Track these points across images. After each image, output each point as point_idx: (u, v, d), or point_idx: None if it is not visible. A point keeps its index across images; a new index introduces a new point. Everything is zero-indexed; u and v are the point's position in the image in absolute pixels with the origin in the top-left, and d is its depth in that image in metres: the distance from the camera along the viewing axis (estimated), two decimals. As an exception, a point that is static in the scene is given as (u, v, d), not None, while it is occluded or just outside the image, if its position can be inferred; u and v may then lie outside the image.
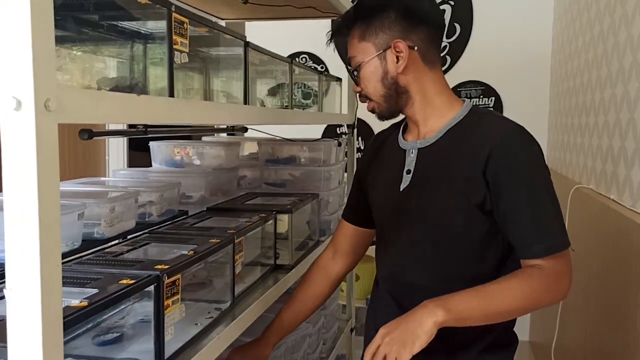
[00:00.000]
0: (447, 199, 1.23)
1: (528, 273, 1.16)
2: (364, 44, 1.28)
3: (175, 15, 0.95)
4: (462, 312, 1.10)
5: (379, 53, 1.27)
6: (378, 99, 1.31)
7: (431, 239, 1.27)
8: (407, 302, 1.24)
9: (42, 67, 0.57)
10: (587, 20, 2.61)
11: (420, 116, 1.31)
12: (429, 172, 1.27)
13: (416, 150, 1.30)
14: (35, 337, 0.59)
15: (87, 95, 0.68)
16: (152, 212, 1.46)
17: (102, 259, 1.09)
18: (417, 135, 1.34)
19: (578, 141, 2.67)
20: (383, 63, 1.27)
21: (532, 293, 1.15)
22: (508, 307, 1.14)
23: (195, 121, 1.00)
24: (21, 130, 0.57)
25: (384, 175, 1.38)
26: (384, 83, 1.28)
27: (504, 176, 1.17)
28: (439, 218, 1.25)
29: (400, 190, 1.30)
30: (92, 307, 0.79)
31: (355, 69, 1.30)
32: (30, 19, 0.56)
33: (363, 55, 1.28)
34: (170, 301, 1.01)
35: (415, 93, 1.29)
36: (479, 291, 1.13)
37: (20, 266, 0.59)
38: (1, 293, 0.90)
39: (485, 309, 1.13)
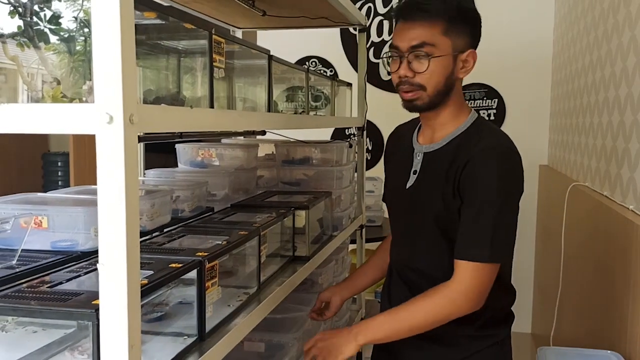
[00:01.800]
0: (440, 201, 1.39)
1: (435, 290, 1.33)
2: (445, 38, 1.33)
3: (214, 37, 1.11)
4: (376, 335, 1.36)
5: (454, 54, 1.35)
6: (432, 92, 1.36)
7: (430, 233, 1.43)
8: (415, 285, 1.47)
9: (128, 90, 0.73)
10: (591, 21, 2.74)
11: (441, 121, 1.43)
12: (430, 175, 1.43)
13: (422, 154, 1.45)
14: (121, 301, 0.75)
15: (156, 110, 0.84)
16: (185, 208, 1.61)
17: (149, 248, 1.24)
18: (429, 138, 1.47)
19: (576, 141, 2.81)
20: (453, 64, 1.35)
21: (435, 309, 1.32)
22: (416, 324, 1.34)
23: (232, 128, 1.16)
24: (113, 139, 0.73)
25: (397, 172, 1.53)
26: (446, 81, 1.36)
27: (465, 187, 1.33)
28: (435, 216, 1.41)
29: (407, 187, 1.47)
30: (153, 283, 0.95)
31: (426, 55, 1.33)
32: (121, 53, 0.71)
33: (441, 48, 1.33)
34: (210, 283, 1.17)
35: (451, 99, 1.41)
36: (391, 315, 1.36)
37: (111, 245, 0.75)
38: (78, 272, 1.06)
39: (396, 329, 1.35)
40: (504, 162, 1.33)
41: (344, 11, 2.11)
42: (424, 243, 1.45)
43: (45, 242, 1.22)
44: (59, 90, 0.89)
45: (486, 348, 1.45)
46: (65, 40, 0.92)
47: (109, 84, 0.72)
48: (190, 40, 1.17)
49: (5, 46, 0.93)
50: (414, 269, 1.49)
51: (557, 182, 3.04)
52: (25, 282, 1.01)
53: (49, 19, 0.92)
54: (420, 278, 1.46)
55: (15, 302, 0.88)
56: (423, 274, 1.46)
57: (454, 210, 1.36)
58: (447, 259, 1.39)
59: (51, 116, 0.77)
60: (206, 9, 2.17)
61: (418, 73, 1.34)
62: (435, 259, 1.43)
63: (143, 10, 0.92)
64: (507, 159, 1.34)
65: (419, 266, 1.47)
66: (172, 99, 1.19)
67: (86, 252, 1.21)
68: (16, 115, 0.79)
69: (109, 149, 0.73)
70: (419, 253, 1.47)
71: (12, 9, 0.92)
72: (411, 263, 1.50)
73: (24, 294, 0.92)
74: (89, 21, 0.89)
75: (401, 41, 1.36)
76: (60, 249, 1.21)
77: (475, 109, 3.83)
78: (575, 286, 2.41)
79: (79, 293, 0.91)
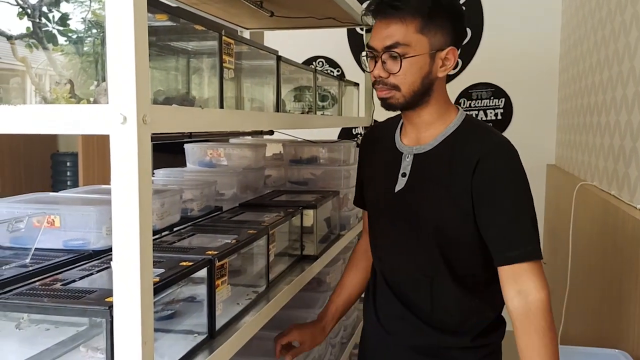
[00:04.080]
0: (439, 203, 1.32)
1: (530, 321, 1.24)
2: (421, 37, 1.27)
3: (224, 38, 1.12)
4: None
5: (432, 52, 1.28)
6: (407, 92, 1.30)
7: (423, 239, 1.36)
8: (405, 295, 1.42)
9: (141, 91, 0.75)
10: (598, 20, 2.73)
11: (426, 120, 1.36)
12: (423, 177, 1.35)
13: (412, 155, 1.37)
14: (135, 298, 0.76)
15: (168, 111, 0.85)
16: (194, 207, 1.63)
17: (159, 247, 1.26)
18: (415, 139, 1.39)
19: (584, 140, 2.81)
20: (431, 63, 1.29)
21: (551, 334, 1.24)
22: None
23: (241, 128, 1.17)
24: (126, 139, 0.75)
25: (380, 175, 1.45)
26: (423, 81, 1.29)
27: (487, 187, 1.28)
28: (431, 220, 1.34)
29: (395, 191, 1.38)
30: (165, 281, 0.97)
31: (400, 55, 1.27)
32: (135, 56, 0.73)
33: (416, 47, 1.27)
34: (220, 281, 1.18)
35: (433, 98, 1.34)
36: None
37: (124, 244, 0.76)
38: (90, 271, 1.08)
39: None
40: (516, 158, 1.32)
41: (351, 11, 2.12)
42: (420, 249, 1.37)
43: (58, 241, 1.23)
44: (67, 91, 0.91)
45: (485, 357, 1.41)
46: (74, 42, 0.93)
47: (123, 85, 0.74)
48: (200, 42, 1.19)
49: (14, 47, 0.95)
50: (408, 278, 1.41)
51: (565, 181, 3.04)
52: (39, 280, 1.02)
53: (58, 20, 0.93)
54: (413, 287, 1.40)
55: (29, 299, 0.90)
56: (418, 282, 1.39)
57: (462, 212, 1.30)
58: (443, 264, 1.35)
59: (65, 117, 0.79)
60: (214, 9, 2.19)
61: (392, 74, 1.29)
62: (433, 265, 1.36)
63: (155, 13, 0.93)
64: (516, 154, 1.33)
65: (415, 275, 1.40)
66: (181, 99, 1.21)
67: (98, 251, 1.23)
68: (31, 116, 0.81)
69: (122, 149, 0.75)
70: (415, 260, 1.39)
71: (20, 11, 0.93)
72: (408, 272, 1.41)
73: (38, 292, 0.94)
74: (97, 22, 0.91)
75: (376, 41, 1.30)
76: (72, 248, 1.23)
77: (482, 108, 3.86)
78: (582, 285, 2.41)
79: (92, 291, 0.93)
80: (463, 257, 1.36)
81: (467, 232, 1.32)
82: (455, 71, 3.83)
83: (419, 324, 1.39)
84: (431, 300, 1.38)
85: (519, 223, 1.27)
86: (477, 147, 1.31)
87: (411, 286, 1.41)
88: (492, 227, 1.29)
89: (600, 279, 2.18)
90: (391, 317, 1.45)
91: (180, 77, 1.28)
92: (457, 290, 1.36)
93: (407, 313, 1.41)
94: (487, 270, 1.36)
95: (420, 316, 1.39)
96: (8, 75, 0.99)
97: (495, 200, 1.28)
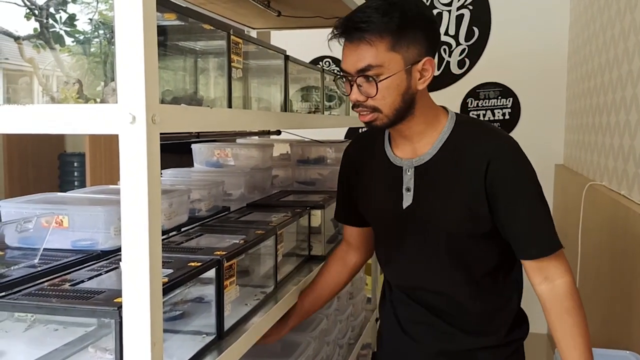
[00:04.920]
0: (451, 212, 1.30)
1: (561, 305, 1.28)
2: (393, 54, 1.20)
3: (233, 38, 1.12)
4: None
5: (407, 67, 1.22)
6: (389, 112, 1.25)
7: (439, 250, 1.34)
8: (431, 304, 1.41)
9: (150, 91, 0.74)
10: (608, 19, 2.72)
11: (417, 130, 1.31)
12: (429, 189, 1.32)
13: (413, 168, 1.33)
14: (144, 298, 0.76)
15: (177, 110, 0.85)
16: (201, 207, 1.63)
17: (167, 247, 1.26)
18: (410, 151, 1.35)
19: (592, 140, 2.79)
20: (408, 78, 1.23)
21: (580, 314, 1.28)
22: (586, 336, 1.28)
23: (249, 127, 1.17)
24: (135, 138, 0.74)
25: (380, 193, 1.40)
26: (404, 97, 1.24)
27: (502, 188, 1.27)
28: (444, 230, 1.32)
29: (404, 207, 1.34)
30: (173, 282, 0.96)
31: (374, 78, 1.21)
32: (144, 55, 0.72)
33: (390, 67, 1.21)
34: (228, 282, 1.17)
35: (418, 109, 1.29)
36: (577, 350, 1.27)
37: (133, 244, 0.76)
38: (98, 271, 1.08)
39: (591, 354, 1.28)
40: (522, 153, 1.32)
41: (359, 11, 2.11)
42: (437, 260, 1.36)
43: (66, 241, 1.23)
44: (74, 91, 0.91)
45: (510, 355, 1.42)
46: (81, 42, 0.93)
47: (132, 85, 0.73)
48: (208, 41, 1.18)
49: (22, 48, 0.95)
50: (432, 291, 1.39)
51: (574, 181, 3.02)
52: (48, 280, 1.02)
53: (65, 21, 0.93)
54: (439, 298, 1.39)
55: (39, 300, 0.89)
56: (443, 293, 1.38)
57: (477, 216, 1.29)
58: (462, 269, 1.35)
59: (75, 117, 0.78)
60: (221, 9, 2.19)
61: (369, 97, 1.23)
62: (452, 272, 1.36)
63: (163, 12, 0.93)
64: (520, 149, 1.33)
65: (438, 288, 1.38)
66: (189, 99, 1.20)
67: (106, 251, 1.23)
68: (40, 116, 0.81)
69: (131, 149, 0.74)
70: (438, 274, 1.37)
71: (28, 12, 0.93)
72: (429, 285, 1.39)
73: (47, 292, 0.94)
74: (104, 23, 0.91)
75: (347, 64, 1.24)
76: (80, 248, 1.22)
77: (490, 108, 3.84)
78: (592, 286, 2.39)
79: (101, 291, 0.92)
80: (480, 257, 1.36)
81: (483, 233, 1.32)
82: (462, 71, 3.82)
83: (447, 329, 1.39)
84: (455, 305, 1.38)
85: (538, 219, 1.29)
86: (484, 149, 1.29)
87: (432, 295, 1.40)
88: (512, 226, 1.29)
89: (610, 280, 2.16)
90: (415, 323, 1.45)
91: (187, 77, 1.28)
92: (477, 291, 1.37)
93: (433, 319, 1.40)
94: (502, 266, 1.38)
95: (447, 321, 1.39)
96: (16, 76, 0.99)
97: (513, 200, 1.28)
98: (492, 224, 1.30)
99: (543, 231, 1.29)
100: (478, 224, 1.31)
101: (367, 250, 1.61)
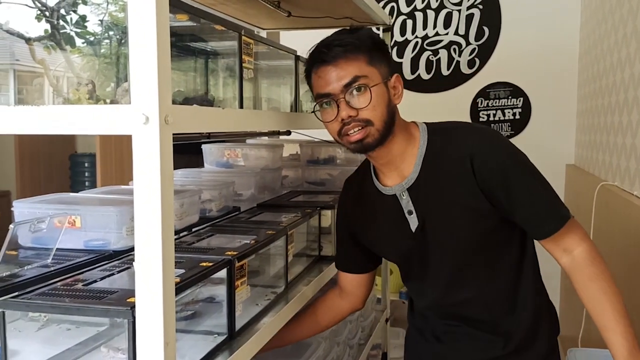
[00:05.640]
0: (459, 221, 1.32)
1: (582, 272, 1.29)
2: (372, 69, 1.28)
3: (244, 38, 1.12)
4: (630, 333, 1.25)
5: (385, 81, 1.29)
6: (379, 125, 1.27)
7: (459, 260, 1.36)
8: (464, 316, 1.41)
9: (163, 92, 0.74)
10: (619, 18, 2.70)
11: (397, 151, 1.33)
12: (430, 205, 1.33)
13: (406, 191, 1.34)
14: (157, 298, 0.76)
15: (189, 111, 0.85)
16: (212, 207, 1.63)
17: (179, 247, 1.26)
18: (397, 176, 1.36)
19: (604, 140, 2.77)
20: (387, 91, 1.30)
21: (606, 277, 1.29)
22: (619, 300, 1.28)
23: (260, 128, 1.17)
24: (148, 139, 0.74)
25: (386, 227, 1.41)
26: (388, 110, 1.29)
27: (494, 180, 1.28)
28: (459, 241, 1.33)
29: (414, 231, 1.35)
30: (186, 281, 0.97)
31: (364, 87, 1.25)
32: (157, 56, 0.73)
33: (373, 78, 1.27)
34: (240, 282, 1.18)
35: (397, 126, 1.32)
36: (614, 311, 1.26)
37: (146, 244, 0.76)
38: (111, 271, 1.08)
39: (627, 317, 1.27)
40: (498, 136, 1.35)
41: (369, 11, 2.11)
42: (457, 270, 1.37)
43: (78, 241, 1.24)
44: (85, 92, 0.91)
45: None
46: (91, 44, 0.94)
47: (145, 86, 0.74)
48: (219, 42, 1.19)
49: (33, 49, 0.95)
50: (457, 301, 1.40)
51: (585, 182, 3.00)
52: (61, 280, 1.03)
53: (75, 22, 0.94)
54: (464, 306, 1.39)
55: (52, 299, 0.90)
56: (467, 299, 1.39)
57: (481, 213, 1.30)
58: (484, 270, 1.36)
59: (88, 117, 0.79)
60: (231, 10, 2.19)
61: (361, 109, 1.25)
62: (475, 278, 1.37)
63: (175, 13, 0.93)
64: (496, 132, 1.38)
65: (463, 296, 1.39)
66: (201, 99, 1.21)
67: (118, 251, 1.23)
68: (54, 116, 0.81)
69: (145, 149, 0.74)
70: (457, 282, 1.38)
71: (39, 13, 0.94)
72: (454, 297, 1.39)
73: (60, 292, 0.94)
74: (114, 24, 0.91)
75: (330, 85, 1.26)
76: (92, 248, 1.23)
77: (500, 108, 3.82)
78: (604, 287, 2.37)
79: (114, 291, 0.93)
80: (499, 256, 1.37)
81: (494, 230, 1.33)
82: (472, 71, 3.80)
83: (484, 336, 1.40)
84: (486, 310, 1.39)
85: (538, 197, 1.30)
86: (462, 149, 1.30)
87: (461, 306, 1.41)
88: (517, 211, 1.30)
89: (623, 282, 2.14)
90: (451, 334, 1.45)
91: (198, 78, 1.28)
92: (501, 287, 1.38)
93: (469, 330, 1.41)
94: (517, 254, 1.38)
95: (483, 329, 1.40)
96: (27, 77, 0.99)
97: (508, 187, 1.28)
98: (500, 216, 1.31)
99: (547, 207, 1.30)
100: (486, 221, 1.31)
101: (361, 296, 1.60)
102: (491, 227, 1.33)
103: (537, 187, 1.30)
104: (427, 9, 3.81)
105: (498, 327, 1.39)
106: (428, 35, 3.82)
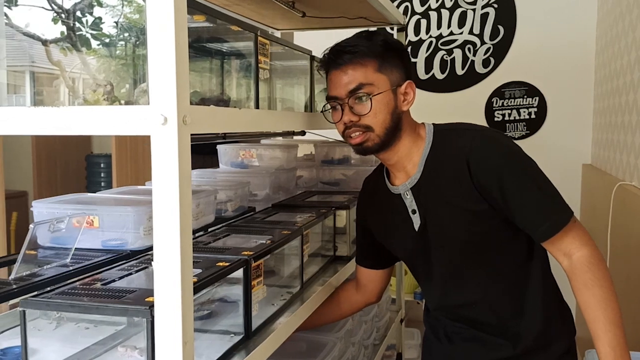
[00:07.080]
0: (457, 221, 1.32)
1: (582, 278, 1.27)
2: (380, 75, 1.31)
3: (260, 39, 1.12)
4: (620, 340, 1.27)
5: (393, 88, 1.31)
6: (380, 131, 1.31)
7: (460, 261, 1.36)
8: (471, 318, 1.41)
9: (181, 93, 0.75)
10: (637, 17, 2.67)
11: (403, 153, 1.36)
12: (430, 205, 1.35)
13: (409, 191, 1.37)
14: (175, 298, 0.77)
15: (207, 111, 0.86)
16: (228, 208, 1.64)
17: (195, 247, 1.26)
18: (404, 176, 1.39)
19: (622, 139, 2.74)
20: (394, 98, 1.32)
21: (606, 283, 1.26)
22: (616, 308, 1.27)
23: (276, 128, 1.18)
24: (167, 139, 0.75)
25: (396, 226, 1.44)
26: (392, 117, 1.31)
27: (490, 181, 1.27)
28: (457, 241, 1.34)
29: (417, 230, 1.38)
30: (203, 281, 0.97)
31: (366, 95, 1.29)
32: (175, 57, 0.73)
33: (379, 85, 1.30)
34: (256, 282, 1.18)
35: (404, 131, 1.35)
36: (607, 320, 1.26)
37: (165, 243, 0.76)
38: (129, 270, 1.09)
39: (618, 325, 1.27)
40: (495, 135, 1.34)
41: (383, 10, 2.10)
42: (454, 273, 1.38)
43: (96, 241, 1.25)
44: (101, 93, 0.92)
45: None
46: (107, 45, 0.95)
47: (164, 86, 0.74)
48: (235, 42, 1.19)
49: (49, 51, 0.96)
50: (463, 301, 1.40)
51: (602, 181, 2.97)
52: (79, 279, 1.04)
53: (91, 24, 0.95)
54: (476, 308, 1.39)
55: (72, 299, 0.91)
56: (477, 302, 1.38)
57: (481, 214, 1.30)
58: (487, 269, 1.35)
59: (107, 118, 0.79)
60: (246, 11, 2.20)
61: (362, 115, 1.30)
62: (480, 278, 1.37)
63: (193, 14, 0.94)
64: (494, 132, 1.36)
65: (470, 297, 1.39)
66: (217, 100, 1.21)
67: (135, 251, 1.24)
68: (73, 117, 0.82)
69: (163, 149, 0.75)
70: (462, 280, 1.39)
71: (55, 15, 0.95)
72: (460, 297, 1.40)
73: (79, 292, 0.95)
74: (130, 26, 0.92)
75: (337, 89, 1.32)
76: (110, 248, 1.24)
77: (515, 107, 3.80)
78: (622, 289, 2.35)
79: (132, 290, 0.94)
80: (502, 255, 1.36)
81: (494, 230, 1.33)
82: (487, 70, 3.78)
83: (491, 339, 1.39)
84: (492, 313, 1.38)
85: (536, 199, 1.28)
86: (459, 150, 1.31)
87: (465, 308, 1.41)
88: (514, 212, 1.29)
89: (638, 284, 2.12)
90: (460, 335, 1.44)
91: (214, 78, 1.29)
92: (506, 289, 1.37)
93: (477, 333, 1.41)
94: (522, 256, 1.37)
95: (491, 332, 1.39)
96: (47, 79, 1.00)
97: (505, 190, 1.27)
98: (501, 218, 1.30)
99: (543, 210, 1.28)
100: (485, 222, 1.31)
101: (374, 293, 1.64)
102: (490, 229, 1.32)
103: (533, 189, 1.28)
104: (442, 8, 3.79)
105: (506, 330, 1.37)
106: (442, 35, 3.81)
